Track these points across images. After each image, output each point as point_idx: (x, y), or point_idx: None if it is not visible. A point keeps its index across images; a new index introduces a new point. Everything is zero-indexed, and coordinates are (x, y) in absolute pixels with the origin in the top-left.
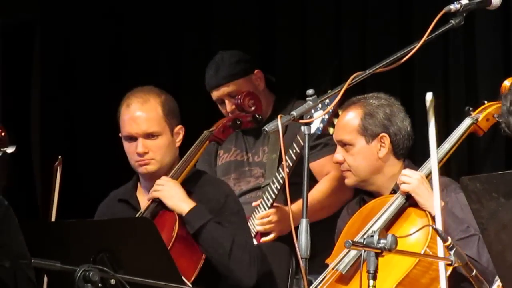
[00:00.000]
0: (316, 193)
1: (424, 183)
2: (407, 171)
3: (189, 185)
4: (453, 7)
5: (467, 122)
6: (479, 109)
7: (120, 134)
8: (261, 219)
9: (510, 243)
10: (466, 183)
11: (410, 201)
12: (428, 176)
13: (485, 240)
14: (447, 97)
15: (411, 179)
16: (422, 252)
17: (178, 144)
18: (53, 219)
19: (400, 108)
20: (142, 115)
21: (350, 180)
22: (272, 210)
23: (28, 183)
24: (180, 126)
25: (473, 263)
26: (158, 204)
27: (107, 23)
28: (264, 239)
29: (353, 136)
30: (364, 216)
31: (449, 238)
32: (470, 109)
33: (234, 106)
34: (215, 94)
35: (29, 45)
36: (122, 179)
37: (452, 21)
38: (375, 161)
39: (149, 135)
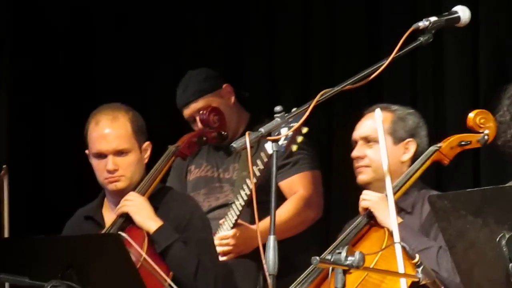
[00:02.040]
0: (283, 213)
1: (384, 200)
2: (367, 191)
3: (155, 201)
4: (421, 24)
5: (430, 149)
6: (444, 140)
7: (87, 151)
8: (220, 239)
9: (478, 261)
10: (434, 201)
11: (371, 221)
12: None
13: (453, 258)
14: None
15: (370, 196)
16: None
17: (146, 161)
18: (6, 231)
19: (424, 124)
20: (112, 132)
21: (366, 176)
22: (233, 231)
23: None
24: (147, 142)
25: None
26: (125, 220)
27: (76, 38)
28: (222, 259)
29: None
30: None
31: (417, 256)
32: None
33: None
34: (186, 113)
35: None
36: (90, 193)
37: (421, 38)
38: (397, 163)
39: (119, 152)
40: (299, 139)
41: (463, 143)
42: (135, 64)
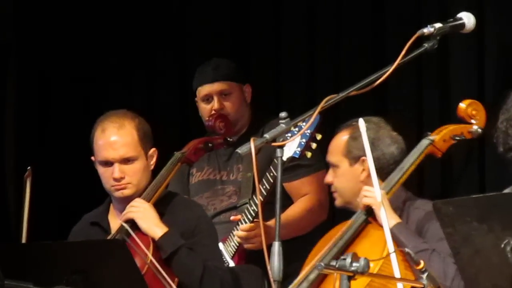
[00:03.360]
0: (295, 213)
1: (385, 199)
2: (369, 187)
3: (161, 207)
4: (426, 30)
5: (423, 143)
6: (436, 131)
7: (93, 158)
8: (243, 230)
9: (483, 267)
10: (439, 207)
11: (369, 220)
12: (388, 193)
13: (458, 265)
14: (419, 121)
15: (372, 193)
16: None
17: (152, 167)
18: (24, 232)
19: (389, 133)
20: (118, 140)
21: (337, 201)
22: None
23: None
24: (153, 149)
25: None
26: (131, 226)
27: (81, 44)
28: (247, 246)
29: (338, 158)
30: (332, 237)
31: (422, 262)
32: (428, 133)
33: (218, 105)
34: (206, 89)
35: (4, 67)
36: (97, 197)
37: (426, 45)
38: (357, 183)
39: (126, 160)
40: (314, 145)
41: (457, 137)
42: (141, 68)
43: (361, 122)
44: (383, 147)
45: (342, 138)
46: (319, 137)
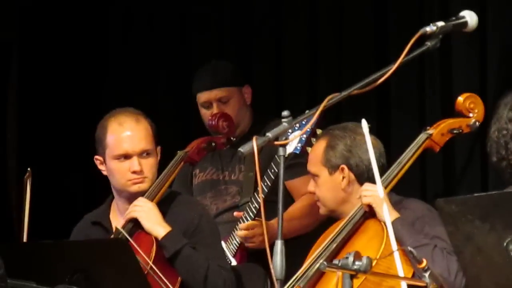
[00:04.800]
0: (293, 211)
1: (384, 194)
2: (368, 185)
3: (164, 206)
4: (429, 29)
5: (421, 137)
6: (434, 125)
7: (98, 156)
8: (244, 228)
9: (486, 266)
10: (441, 206)
11: (366, 215)
12: (386, 188)
13: (460, 263)
14: (421, 119)
15: (372, 191)
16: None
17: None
18: (25, 232)
19: (363, 139)
20: (137, 133)
21: (321, 210)
22: (256, 222)
23: (2, 198)
24: (159, 147)
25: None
26: (134, 225)
27: (84, 42)
28: (248, 245)
29: (318, 167)
30: (330, 233)
31: (424, 260)
32: (427, 127)
33: (218, 112)
34: (205, 96)
35: (6, 65)
36: (97, 198)
37: (428, 43)
38: (339, 192)
39: (143, 153)
40: (314, 141)
41: (454, 131)
42: (144, 69)
43: (364, 122)
44: (360, 154)
45: (319, 147)
46: (319, 132)
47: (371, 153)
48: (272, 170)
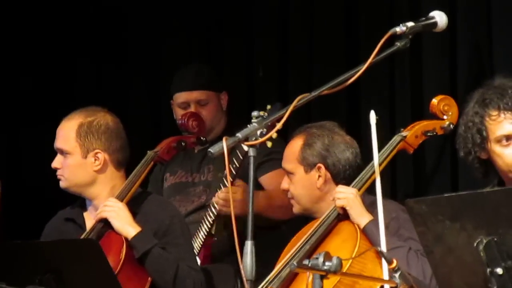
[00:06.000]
0: (270, 190)
1: (358, 197)
2: (341, 188)
3: (135, 206)
4: (398, 29)
5: (395, 139)
6: (408, 127)
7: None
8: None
9: (456, 266)
10: (411, 206)
11: (340, 217)
12: (360, 190)
13: (430, 263)
14: (392, 119)
15: (345, 194)
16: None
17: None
18: None
19: (343, 138)
20: (59, 131)
21: (294, 208)
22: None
23: None
24: (96, 151)
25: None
26: (104, 225)
27: (51, 44)
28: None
29: (293, 165)
30: (305, 234)
31: (394, 261)
32: (401, 129)
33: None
34: (184, 96)
35: None
36: (68, 197)
37: (398, 43)
38: (314, 190)
39: (61, 152)
40: (274, 135)
41: (429, 133)
42: (116, 68)
43: (372, 114)
44: (338, 153)
45: (296, 145)
46: (278, 125)
47: (374, 149)
48: (234, 165)
